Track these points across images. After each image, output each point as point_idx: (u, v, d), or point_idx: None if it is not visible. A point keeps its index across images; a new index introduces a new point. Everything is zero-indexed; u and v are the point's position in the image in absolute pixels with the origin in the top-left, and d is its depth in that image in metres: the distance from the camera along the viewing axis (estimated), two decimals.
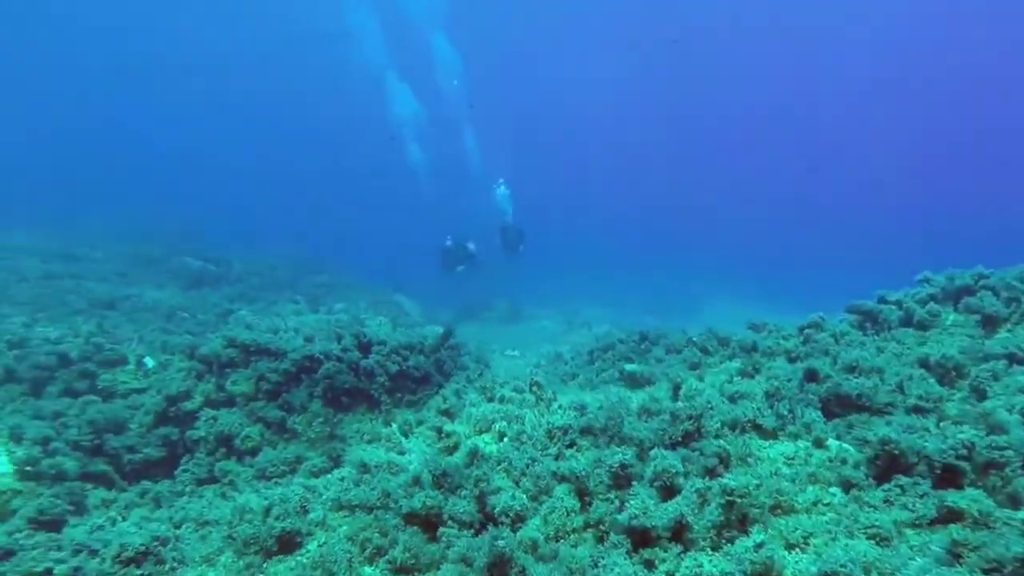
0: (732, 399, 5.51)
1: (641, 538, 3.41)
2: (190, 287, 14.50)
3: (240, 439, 6.07)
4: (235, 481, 5.67)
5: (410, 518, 3.89)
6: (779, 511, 3.67)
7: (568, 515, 3.65)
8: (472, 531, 3.78)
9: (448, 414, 5.76)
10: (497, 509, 3.73)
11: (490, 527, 3.77)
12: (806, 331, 6.58)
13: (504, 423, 4.91)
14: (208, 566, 3.63)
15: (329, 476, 5.14)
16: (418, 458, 4.76)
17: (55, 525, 4.17)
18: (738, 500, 3.41)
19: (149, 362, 7.63)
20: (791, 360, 6.31)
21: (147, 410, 6.35)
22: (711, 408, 4.65)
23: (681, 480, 3.74)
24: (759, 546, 3.06)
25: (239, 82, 50.82)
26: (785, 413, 4.64)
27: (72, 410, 6.05)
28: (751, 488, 3.46)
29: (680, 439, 4.31)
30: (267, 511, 4.03)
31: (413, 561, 3.58)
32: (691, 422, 4.38)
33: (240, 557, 3.67)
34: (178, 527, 4.40)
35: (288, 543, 3.80)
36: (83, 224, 20.29)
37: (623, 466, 3.71)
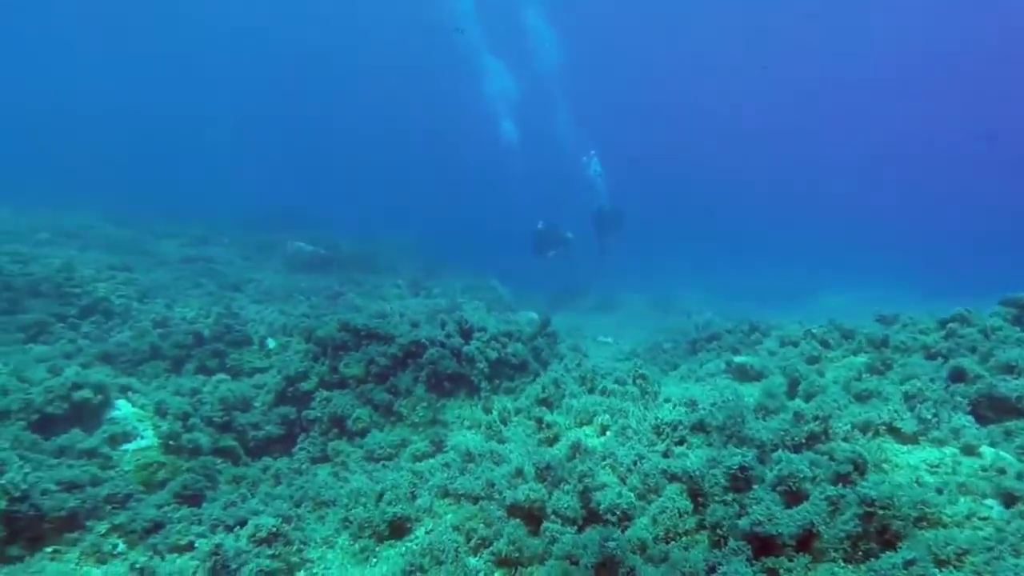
0: (860, 398, 5.03)
1: (763, 545, 3.16)
2: (303, 270, 15.51)
3: (352, 420, 6.36)
4: (347, 462, 5.95)
5: (513, 510, 3.88)
6: (925, 524, 3.28)
7: (680, 516, 3.47)
8: (575, 527, 3.70)
9: (547, 403, 5.69)
10: (603, 506, 3.62)
11: (595, 525, 3.68)
12: (949, 325, 5.83)
13: (607, 416, 4.76)
14: (327, 548, 3.82)
15: (433, 461, 5.25)
16: (519, 448, 4.73)
17: (196, 500, 4.57)
18: (879, 511, 3.07)
19: (271, 343, 8.21)
20: (930, 357, 5.64)
21: (268, 389, 6.82)
22: (839, 408, 4.24)
23: (808, 486, 3.43)
24: (910, 563, 2.73)
25: (339, 72, 53.37)
26: (928, 416, 4.13)
27: (207, 387, 6.63)
28: (894, 497, 3.10)
29: (804, 441, 3.97)
30: (380, 496, 4.18)
31: (517, 554, 3.56)
32: (818, 423, 4.01)
33: (356, 540, 3.83)
34: (298, 505, 4.67)
35: (399, 528, 3.91)
36: (216, 213, 22.32)
37: (743, 468, 3.46)
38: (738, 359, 6.83)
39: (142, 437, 5.68)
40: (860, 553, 3.14)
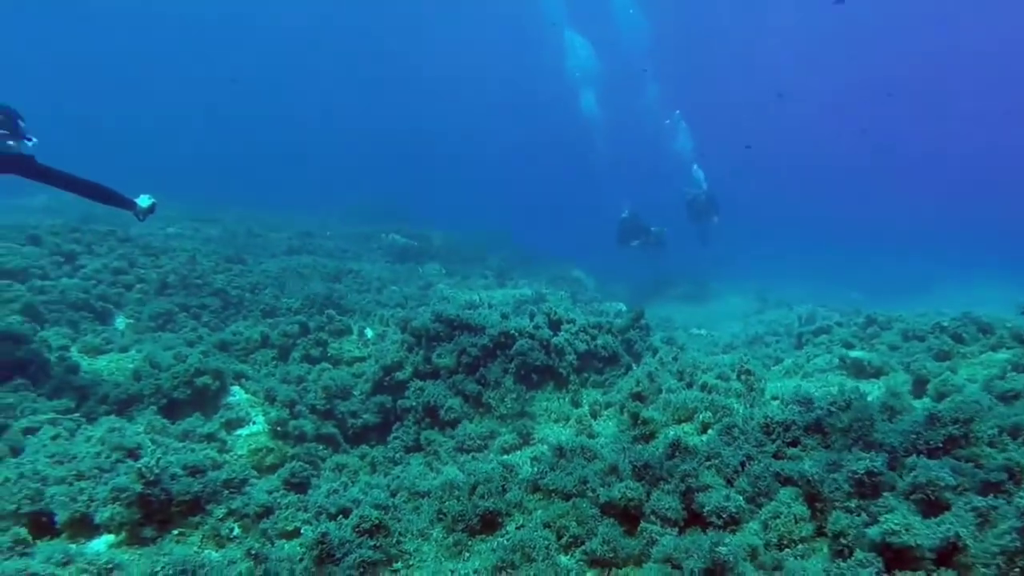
0: (1006, 399, 4.41)
1: (896, 558, 2.81)
2: (397, 261, 16.07)
3: (444, 410, 6.45)
4: (439, 451, 6.04)
5: (608, 508, 3.72)
6: None
7: (796, 522, 3.17)
8: (676, 529, 3.49)
9: (640, 398, 5.46)
10: (707, 508, 3.38)
11: (697, 528, 3.45)
12: None
13: (708, 413, 4.48)
14: (423, 540, 3.84)
15: (520, 454, 5.19)
16: (612, 444, 4.56)
17: (302, 487, 4.80)
18: None
19: (369, 333, 8.53)
20: None
21: (366, 378, 7.07)
22: (982, 410, 3.72)
23: (950, 495, 3.01)
24: None
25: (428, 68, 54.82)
26: None
27: (311, 375, 6.98)
28: None
29: (941, 445, 3.51)
30: (473, 489, 4.16)
31: (611, 555, 3.40)
32: (957, 426, 3.54)
33: (449, 533, 3.83)
34: (394, 495, 4.77)
35: (490, 523, 3.87)
36: (319, 205, 23.71)
37: (871, 473, 3.10)
38: (853, 353, 6.24)
39: (253, 422, 6.06)
40: (1017, 570, 2.73)
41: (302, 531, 3.81)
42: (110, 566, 3.10)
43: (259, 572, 3.05)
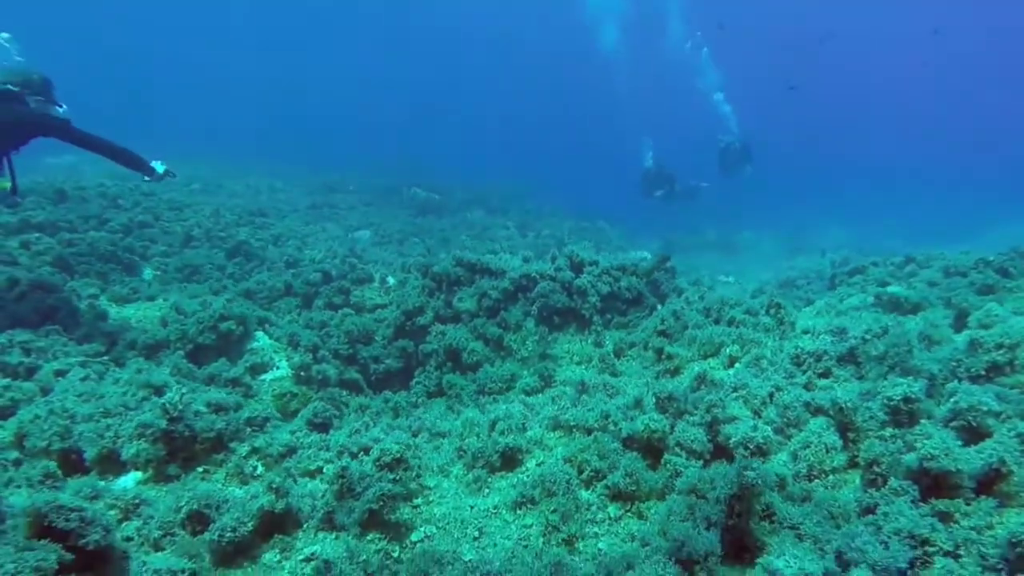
0: None
1: (934, 484, 2.67)
2: (418, 215, 15.97)
3: (466, 353, 6.42)
4: (460, 395, 6.03)
5: (630, 442, 3.63)
6: None
7: (827, 452, 3.03)
8: (702, 462, 3.39)
9: (666, 335, 5.30)
10: (733, 440, 3.26)
11: (724, 461, 3.35)
12: None
13: (736, 347, 4.31)
14: (443, 476, 3.83)
15: (542, 396, 5.12)
16: (636, 380, 4.45)
17: (324, 427, 4.82)
18: None
19: (391, 280, 8.50)
20: None
21: (388, 323, 7.06)
22: (1021, 340, 3.48)
23: (992, 421, 2.83)
24: None
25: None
26: None
27: (334, 321, 7.00)
28: None
29: (984, 373, 3.30)
30: (492, 425, 4.12)
31: (634, 488, 3.32)
32: (1001, 352, 3.32)
33: (469, 470, 3.80)
34: (415, 435, 4.77)
35: (510, 459, 3.82)
36: (342, 162, 23.62)
37: (908, 400, 2.93)
38: (890, 289, 5.95)
39: (277, 367, 6.12)
40: None
41: (324, 469, 3.83)
42: (136, 501, 3.15)
43: (280, 506, 3.05)
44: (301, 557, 2.97)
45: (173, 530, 3.00)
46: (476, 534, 3.50)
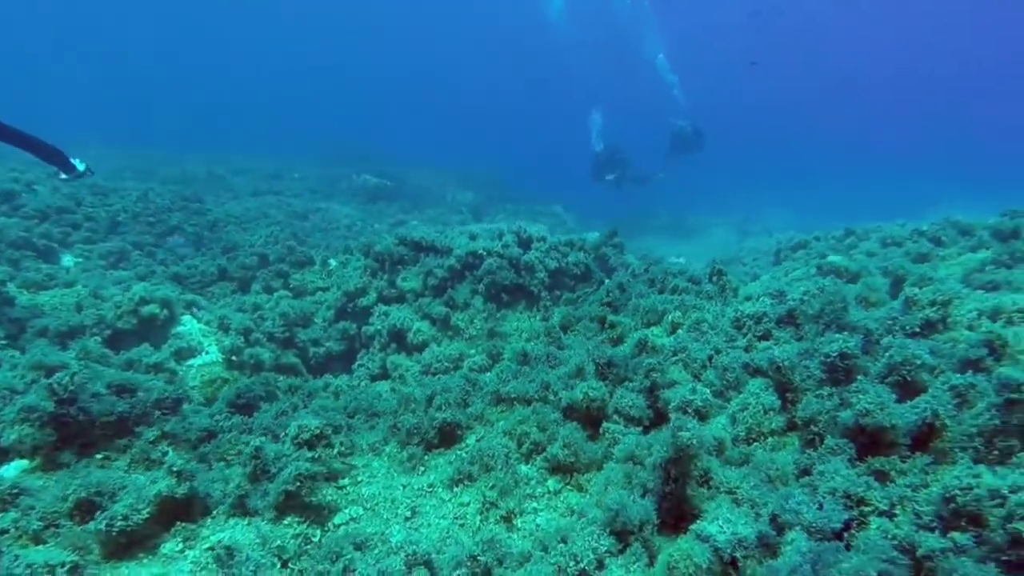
0: (985, 289, 4.18)
1: (870, 442, 2.59)
2: (368, 201, 15.48)
3: (411, 334, 6.16)
4: (404, 376, 5.77)
5: (570, 412, 3.47)
6: None
7: (765, 413, 2.93)
8: (641, 428, 3.26)
9: (611, 306, 5.17)
10: (672, 404, 3.13)
11: (664, 427, 3.22)
12: None
13: (678, 313, 4.20)
14: (374, 455, 3.59)
15: (490, 374, 4.93)
16: (579, 350, 4.30)
17: (248, 409, 4.49)
18: None
19: (332, 262, 8.13)
20: None
21: (329, 305, 6.73)
22: (961, 293, 3.46)
23: (926, 376, 2.78)
24: None
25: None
26: None
27: (269, 304, 6.61)
28: None
29: (919, 329, 3.27)
30: (429, 400, 3.89)
31: (573, 459, 3.17)
32: (935, 309, 3.29)
33: (403, 447, 3.58)
34: (352, 416, 4.51)
35: (448, 435, 3.61)
36: (289, 150, 22.71)
37: (843, 356, 2.84)
38: (832, 258, 5.98)
39: (206, 352, 5.72)
40: (996, 452, 2.51)
41: (243, 451, 3.54)
42: (15, 491, 2.79)
43: (183, 491, 2.76)
44: (207, 546, 2.69)
45: (58, 521, 2.66)
46: (408, 514, 3.27)
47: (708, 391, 3.12)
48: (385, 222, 12.73)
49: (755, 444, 2.88)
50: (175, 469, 2.75)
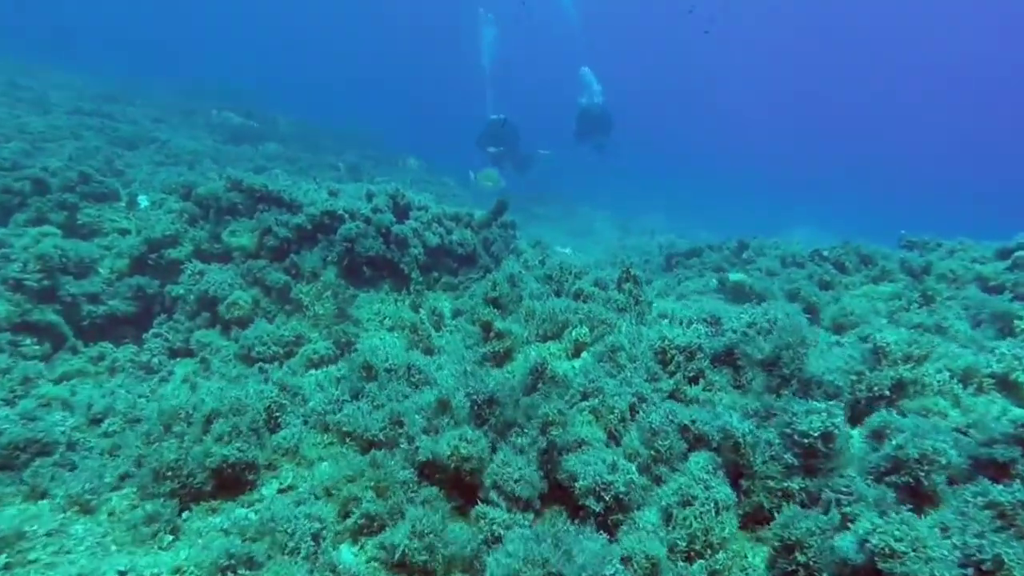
0: (918, 331, 3.55)
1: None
2: (228, 142, 12.81)
3: (228, 304, 4.49)
4: (210, 359, 4.15)
5: (429, 471, 2.23)
6: None
7: (717, 514, 1.88)
8: (531, 513, 2.09)
9: (498, 304, 3.98)
10: (581, 484, 1.99)
11: (563, 511, 2.09)
12: (1016, 255, 4.40)
13: (583, 329, 3.09)
14: (79, 511, 2.06)
15: (321, 373, 3.54)
16: (452, 365, 3.04)
17: None
18: None
19: (143, 201, 6.03)
20: (988, 291, 4.23)
21: (121, 252, 4.80)
22: (930, 351, 2.70)
23: (939, 479, 1.89)
24: None
25: None
26: None
27: (21, 241, 4.53)
28: None
29: (888, 392, 2.43)
30: (208, 420, 2.41)
31: (424, 557, 1.92)
32: (909, 366, 2.47)
33: (143, 498, 2.09)
34: (99, 421, 2.88)
35: (232, 482, 2.19)
36: (139, 73, 18.54)
37: (827, 438, 1.88)
38: (733, 276, 5.29)
39: None
40: None
41: None
42: None
43: None
44: None
45: None
46: None
47: (633, 467, 2.01)
48: (243, 167, 10.40)
49: (699, 562, 1.82)
50: None
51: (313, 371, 4.17)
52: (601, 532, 1.83)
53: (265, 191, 5.10)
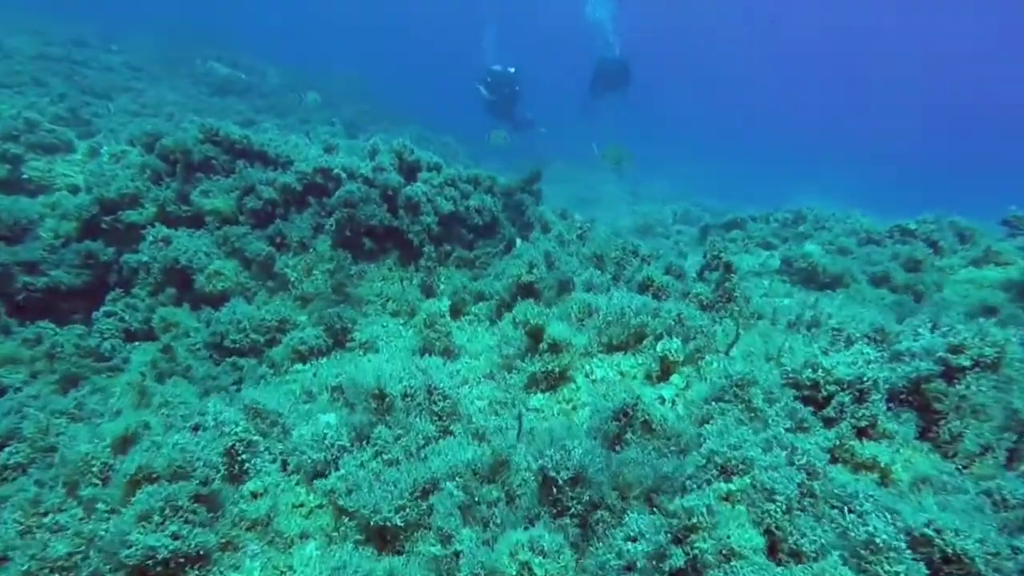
0: None
1: None
2: (213, 94, 11.53)
3: (204, 277, 3.54)
4: (175, 347, 3.21)
5: None
6: None
7: None
8: None
9: (533, 292, 3.02)
10: None
11: None
12: None
13: (675, 342, 2.16)
14: None
15: (325, 364, 2.64)
16: (488, 387, 2.13)
17: None
18: None
19: (105, 152, 4.98)
20: None
21: (67, 213, 3.80)
22: None
23: None
24: None
25: None
26: None
27: None
28: None
29: None
30: (134, 482, 1.51)
31: None
32: None
33: None
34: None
35: None
36: (117, 18, 16.81)
37: None
38: (808, 247, 4.36)
39: None
40: None
41: None
42: None
43: None
44: None
45: None
46: None
47: None
48: (229, 120, 9.18)
49: None
50: None
51: (300, 365, 3.27)
52: None
53: (247, 144, 4.07)
